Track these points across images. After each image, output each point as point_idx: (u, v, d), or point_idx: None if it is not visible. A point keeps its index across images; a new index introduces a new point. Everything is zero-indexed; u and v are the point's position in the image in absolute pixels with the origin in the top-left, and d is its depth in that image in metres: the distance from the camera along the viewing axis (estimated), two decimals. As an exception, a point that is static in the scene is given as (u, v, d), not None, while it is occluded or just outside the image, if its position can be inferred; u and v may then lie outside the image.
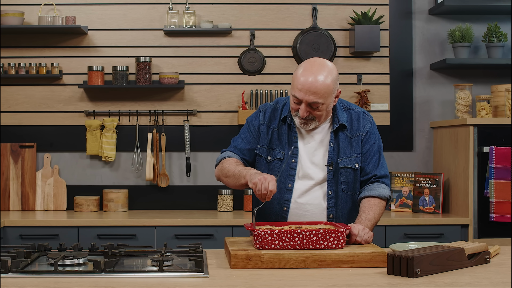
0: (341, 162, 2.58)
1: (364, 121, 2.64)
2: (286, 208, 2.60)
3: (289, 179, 2.59)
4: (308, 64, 2.49)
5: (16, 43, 4.29)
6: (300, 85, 2.44)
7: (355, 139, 2.61)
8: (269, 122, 2.65)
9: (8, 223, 3.75)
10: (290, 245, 2.21)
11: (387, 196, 2.60)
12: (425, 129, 4.42)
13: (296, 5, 4.35)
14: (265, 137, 2.64)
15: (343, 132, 2.61)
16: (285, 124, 2.63)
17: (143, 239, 3.77)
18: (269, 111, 2.67)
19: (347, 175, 2.60)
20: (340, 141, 2.60)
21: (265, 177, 2.35)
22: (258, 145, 2.66)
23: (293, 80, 2.49)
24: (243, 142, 2.69)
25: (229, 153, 2.69)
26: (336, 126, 2.58)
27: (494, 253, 2.35)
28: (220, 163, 2.67)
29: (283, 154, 2.60)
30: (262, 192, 2.33)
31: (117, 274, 2.02)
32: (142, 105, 4.32)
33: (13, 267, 2.03)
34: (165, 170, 4.29)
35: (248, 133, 2.69)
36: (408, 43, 4.38)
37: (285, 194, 2.60)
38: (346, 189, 2.60)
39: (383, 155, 2.68)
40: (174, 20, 4.25)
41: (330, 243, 2.22)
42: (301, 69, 2.48)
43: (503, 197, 3.76)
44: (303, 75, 2.45)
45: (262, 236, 2.20)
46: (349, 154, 2.60)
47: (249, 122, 2.71)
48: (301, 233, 2.21)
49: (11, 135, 4.29)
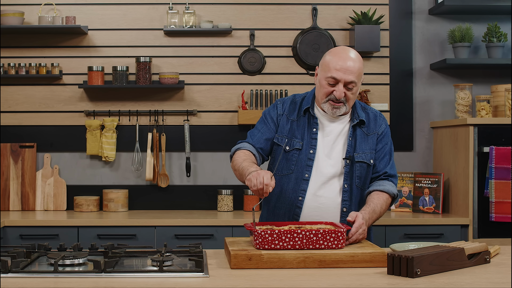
0: (357, 156, 2.63)
1: (380, 122, 2.73)
2: (301, 197, 2.61)
3: (306, 169, 2.62)
4: (339, 49, 2.62)
5: (16, 43, 4.29)
6: (339, 66, 2.54)
7: (371, 137, 2.69)
8: (288, 113, 2.70)
9: (8, 223, 3.75)
10: (290, 245, 2.21)
11: (395, 193, 2.68)
12: (425, 129, 4.42)
13: (296, 5, 4.35)
14: (285, 126, 2.68)
15: (360, 129, 2.68)
16: (305, 116, 2.68)
17: (143, 239, 3.77)
18: (287, 103, 2.73)
19: (361, 170, 2.65)
20: (358, 137, 2.66)
21: (259, 172, 2.37)
22: (277, 134, 2.69)
23: (328, 63, 2.57)
24: (259, 132, 2.71)
25: (244, 144, 2.70)
26: (356, 121, 2.65)
27: (494, 253, 2.35)
28: (234, 154, 2.68)
29: (302, 144, 2.64)
30: (258, 187, 2.34)
31: (117, 274, 2.02)
32: (142, 105, 4.32)
33: (13, 267, 2.03)
34: (165, 170, 4.29)
35: (264, 124, 2.72)
36: (408, 43, 4.38)
37: (302, 184, 2.62)
38: (359, 183, 2.65)
39: (393, 158, 2.76)
40: (174, 20, 4.25)
41: (330, 243, 2.22)
42: (334, 54, 2.58)
43: (503, 197, 3.76)
44: (339, 57, 2.55)
45: (262, 236, 2.20)
46: (365, 150, 2.66)
47: (266, 114, 2.75)
48: (301, 233, 2.21)
49: (11, 135, 4.29)
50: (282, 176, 2.66)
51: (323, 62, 2.61)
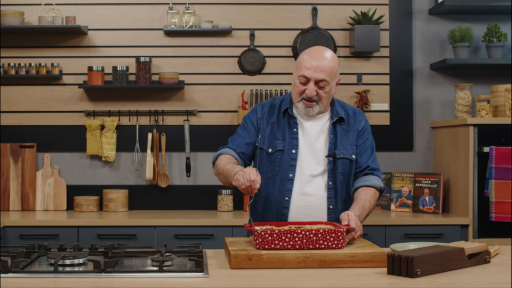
0: (339, 153, 2.67)
1: (359, 118, 2.77)
2: (288, 198, 2.64)
3: (290, 169, 2.65)
4: (313, 48, 2.66)
5: (16, 43, 4.29)
6: (308, 64, 2.58)
7: (351, 133, 2.72)
8: (268, 116, 2.73)
9: (8, 223, 3.75)
10: (290, 245, 2.21)
11: (382, 187, 2.70)
12: (425, 129, 4.42)
13: (296, 5, 4.35)
14: (265, 130, 2.71)
15: (340, 126, 2.71)
16: (284, 117, 2.71)
17: (143, 239, 3.77)
18: (267, 107, 2.76)
19: (344, 166, 2.68)
20: (338, 134, 2.69)
21: (244, 170, 2.39)
22: (258, 138, 2.72)
23: (300, 62, 2.62)
24: (240, 138, 2.75)
25: (225, 149, 2.74)
26: (335, 118, 2.69)
27: (494, 253, 2.35)
28: (216, 160, 2.71)
29: (284, 145, 2.67)
30: (246, 184, 2.35)
31: (117, 274, 2.02)
32: (142, 105, 4.32)
33: (13, 267, 2.03)
34: (165, 170, 4.29)
35: (244, 129, 2.76)
36: (408, 43, 4.38)
37: (287, 184, 2.64)
38: (342, 179, 2.67)
39: (375, 153, 2.79)
40: (174, 20, 4.25)
41: (330, 243, 2.22)
42: (307, 53, 2.63)
43: (503, 197, 3.76)
44: (310, 56, 2.60)
45: (262, 236, 2.20)
46: (346, 146, 2.69)
47: (246, 119, 2.78)
48: (301, 233, 2.21)
49: (11, 135, 4.29)
50: (268, 178, 2.69)
51: (297, 62, 2.66)
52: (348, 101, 4.35)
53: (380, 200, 4.27)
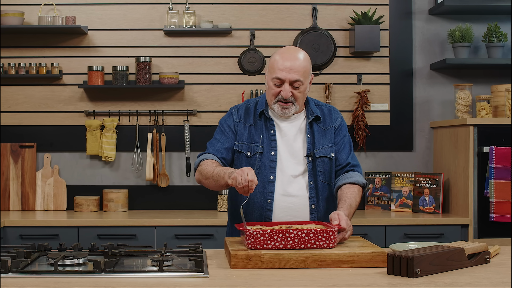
0: (317, 152, 2.66)
1: (335, 116, 2.77)
2: (270, 200, 2.63)
3: (270, 171, 2.64)
4: (284, 49, 2.65)
5: (16, 43, 4.29)
6: (282, 66, 2.57)
7: (328, 131, 2.72)
8: (244, 119, 2.72)
9: (8, 223, 3.75)
10: (282, 244, 2.21)
11: (365, 183, 2.70)
12: (425, 129, 4.42)
13: (296, 5, 4.35)
14: (243, 133, 2.70)
15: (317, 124, 2.71)
16: (261, 120, 2.70)
17: (143, 239, 3.77)
18: (242, 110, 2.75)
19: (324, 165, 2.67)
20: (315, 133, 2.69)
21: (243, 170, 2.38)
22: (236, 141, 2.71)
23: (272, 64, 2.61)
24: (218, 143, 2.73)
25: (207, 155, 2.71)
26: (311, 118, 2.69)
27: (494, 253, 2.35)
28: (199, 166, 2.70)
29: (262, 148, 2.66)
30: (243, 184, 2.35)
31: (117, 274, 2.02)
32: (142, 105, 4.32)
33: (13, 267, 2.03)
34: (165, 170, 4.29)
35: (222, 134, 2.74)
36: (408, 43, 4.38)
37: (268, 187, 2.64)
38: (323, 178, 2.67)
39: (353, 149, 2.79)
40: (174, 20, 4.25)
41: (322, 242, 2.23)
42: (279, 54, 2.62)
43: (503, 197, 3.76)
44: (283, 57, 2.59)
45: (254, 236, 2.20)
46: (324, 144, 2.69)
47: (223, 123, 2.77)
48: (293, 233, 2.22)
49: (11, 135, 4.29)
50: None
51: (269, 64, 2.64)
52: (348, 101, 4.35)
53: (381, 200, 4.28)
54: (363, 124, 4.29)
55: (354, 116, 4.31)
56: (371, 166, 4.38)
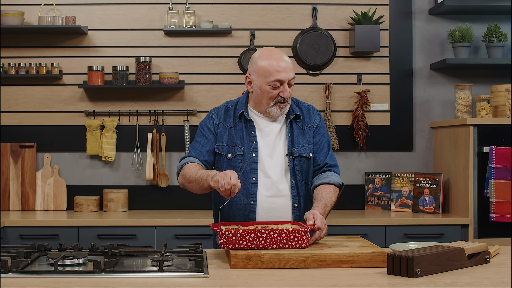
0: (296, 151, 2.67)
1: (314, 115, 2.77)
2: (253, 202, 2.63)
3: (252, 172, 2.64)
4: (267, 52, 2.63)
5: (16, 43, 4.29)
6: (279, 67, 2.56)
7: (307, 130, 2.72)
8: (224, 121, 2.72)
9: (8, 223, 3.75)
10: (254, 244, 2.22)
11: (341, 183, 2.70)
12: (425, 129, 4.42)
13: (296, 5, 4.35)
14: (223, 135, 2.70)
15: (296, 124, 2.71)
16: (241, 121, 2.70)
17: (143, 239, 3.77)
18: (221, 112, 2.75)
19: (301, 164, 2.68)
20: (295, 132, 2.70)
21: (225, 173, 2.38)
22: (217, 144, 2.70)
23: (266, 68, 2.58)
24: (200, 145, 2.73)
25: (189, 158, 2.71)
26: (292, 116, 2.69)
27: (494, 253, 2.35)
28: (182, 170, 2.69)
29: (243, 149, 2.66)
30: (226, 187, 2.34)
31: (117, 274, 2.02)
32: (142, 105, 4.32)
33: (13, 267, 2.03)
34: (165, 170, 4.29)
35: (203, 136, 2.73)
36: (408, 43, 4.38)
37: (251, 188, 2.64)
38: (301, 178, 2.67)
39: (331, 149, 2.80)
40: (174, 20, 4.25)
41: (294, 243, 2.23)
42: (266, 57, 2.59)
43: (503, 197, 3.76)
44: (275, 59, 2.58)
45: (226, 235, 2.21)
46: (302, 144, 2.69)
47: (203, 125, 2.76)
48: (265, 233, 2.22)
49: (11, 135, 4.29)
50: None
51: (258, 69, 2.60)
52: (348, 101, 4.35)
53: (381, 200, 4.27)
54: (363, 124, 4.30)
55: (354, 116, 4.31)
56: (371, 166, 4.38)
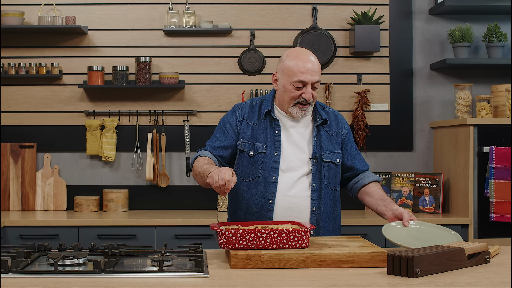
0: (325, 156, 2.67)
1: (342, 122, 2.79)
2: (272, 200, 2.63)
3: (273, 171, 2.63)
4: (298, 52, 2.63)
5: (16, 43, 4.29)
6: (303, 68, 2.56)
7: (334, 137, 2.73)
8: (248, 118, 2.71)
9: (8, 223, 3.75)
10: (254, 244, 2.21)
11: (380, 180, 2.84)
12: (425, 129, 4.42)
13: (296, 5, 4.35)
14: (246, 132, 2.69)
15: (323, 129, 2.71)
16: (265, 119, 2.69)
17: (143, 239, 3.77)
18: (246, 108, 2.74)
19: (329, 170, 2.69)
20: (322, 137, 2.70)
21: (220, 169, 2.39)
22: (239, 140, 2.70)
23: (291, 68, 2.58)
24: (217, 141, 2.73)
25: (202, 152, 2.73)
26: (320, 121, 2.69)
27: (494, 253, 2.35)
28: (194, 162, 2.71)
29: (265, 148, 2.65)
30: (220, 183, 2.34)
31: (117, 274, 2.02)
32: (142, 105, 4.32)
33: (13, 267, 2.03)
34: (165, 170, 4.29)
35: (222, 132, 2.73)
36: (408, 43, 4.38)
37: (271, 187, 2.63)
38: (328, 183, 2.68)
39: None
40: (174, 20, 4.25)
41: (294, 243, 2.23)
42: (294, 57, 2.60)
43: (503, 197, 3.76)
44: (301, 60, 2.58)
45: (226, 235, 2.21)
46: (331, 150, 2.70)
47: (224, 121, 2.76)
48: (265, 233, 2.22)
49: (11, 135, 4.29)
50: (250, 181, 2.67)
51: (284, 68, 2.62)
52: (348, 101, 4.35)
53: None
54: (363, 124, 4.30)
55: (354, 116, 4.31)
56: (371, 166, 4.37)
